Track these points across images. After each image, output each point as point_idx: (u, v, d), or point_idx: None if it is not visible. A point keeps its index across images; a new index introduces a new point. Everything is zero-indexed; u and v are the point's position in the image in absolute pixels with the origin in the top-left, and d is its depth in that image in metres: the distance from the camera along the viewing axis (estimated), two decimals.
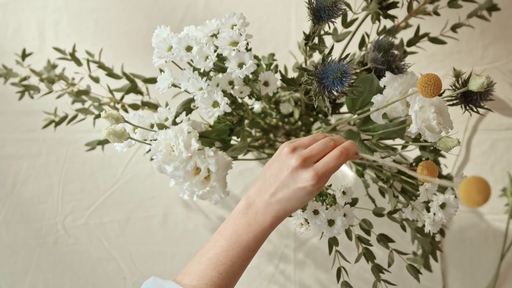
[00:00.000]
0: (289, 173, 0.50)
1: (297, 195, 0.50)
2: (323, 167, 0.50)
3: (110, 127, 0.51)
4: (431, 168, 0.53)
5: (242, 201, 0.53)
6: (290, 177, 0.50)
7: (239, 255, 0.50)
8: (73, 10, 1.14)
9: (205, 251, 0.51)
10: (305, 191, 0.49)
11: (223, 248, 0.50)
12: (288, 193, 0.50)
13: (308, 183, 0.49)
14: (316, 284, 0.99)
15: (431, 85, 0.45)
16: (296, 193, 0.50)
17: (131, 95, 0.78)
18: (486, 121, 1.04)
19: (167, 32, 0.58)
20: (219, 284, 0.49)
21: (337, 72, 0.49)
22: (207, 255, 0.50)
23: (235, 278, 0.50)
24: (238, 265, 0.50)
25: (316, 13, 0.51)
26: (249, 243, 0.50)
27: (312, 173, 0.49)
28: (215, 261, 0.49)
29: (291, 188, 0.50)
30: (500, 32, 1.06)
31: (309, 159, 0.50)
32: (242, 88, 0.61)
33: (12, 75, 0.81)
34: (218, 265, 0.49)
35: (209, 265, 0.49)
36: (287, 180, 0.50)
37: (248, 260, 0.51)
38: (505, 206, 1.00)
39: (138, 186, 1.06)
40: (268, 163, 0.54)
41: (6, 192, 1.07)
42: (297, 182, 0.50)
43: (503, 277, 0.98)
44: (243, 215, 0.52)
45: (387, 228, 0.72)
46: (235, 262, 0.50)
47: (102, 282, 1.03)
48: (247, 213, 0.52)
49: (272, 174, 0.52)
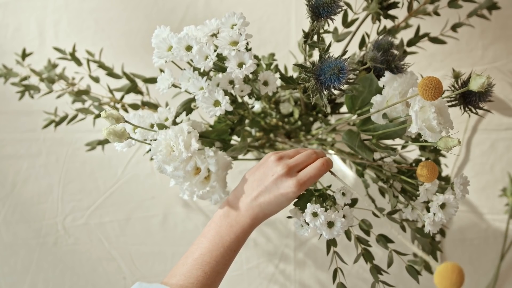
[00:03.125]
0: (273, 180, 0.54)
1: (278, 201, 0.54)
2: (305, 176, 0.54)
3: (110, 127, 0.51)
4: (432, 168, 0.53)
5: (222, 206, 0.57)
6: (274, 183, 0.54)
7: (223, 255, 0.53)
8: (73, 10, 1.14)
9: (189, 254, 0.54)
10: (286, 197, 0.54)
11: (207, 249, 0.53)
12: (270, 198, 0.54)
13: (291, 189, 0.53)
14: (316, 284, 0.99)
15: (432, 88, 0.45)
16: (277, 198, 0.54)
17: (131, 95, 0.78)
18: (486, 121, 1.04)
19: (167, 32, 0.58)
20: (205, 283, 0.51)
21: (334, 69, 0.48)
22: (192, 257, 0.53)
23: (219, 277, 0.54)
24: (222, 264, 0.53)
25: (315, 10, 0.51)
26: (231, 243, 0.54)
27: (295, 181, 0.53)
28: (200, 261, 0.52)
29: (273, 193, 0.54)
30: (500, 32, 1.06)
31: (294, 168, 0.55)
32: (242, 87, 0.61)
33: (12, 75, 0.81)
34: (203, 265, 0.52)
35: (194, 265, 0.52)
36: (270, 185, 0.54)
37: (230, 260, 0.54)
38: (505, 206, 1.00)
39: (138, 186, 1.06)
40: (251, 170, 0.58)
41: (6, 192, 1.07)
42: (280, 188, 0.54)
43: (503, 277, 0.98)
44: (225, 218, 0.55)
45: (387, 228, 0.72)
46: (219, 262, 0.53)
47: (102, 282, 1.03)
48: (228, 215, 0.55)
49: (255, 179, 0.56)
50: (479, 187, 1.02)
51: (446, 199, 0.55)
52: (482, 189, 1.02)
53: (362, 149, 0.60)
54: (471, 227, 1.00)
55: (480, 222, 1.00)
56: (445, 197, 0.55)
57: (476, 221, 1.00)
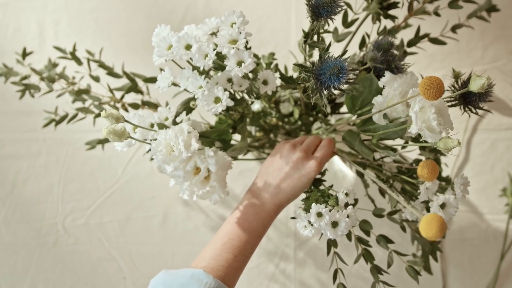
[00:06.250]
0: (294, 165, 0.59)
1: (301, 183, 0.58)
2: (322, 154, 0.60)
3: (110, 127, 0.51)
4: (432, 168, 0.53)
5: (246, 196, 0.61)
6: (295, 168, 0.59)
7: (250, 240, 0.56)
8: (73, 10, 1.14)
9: (217, 239, 0.57)
10: (308, 178, 0.58)
11: (236, 234, 0.56)
12: (293, 182, 0.59)
13: (313, 168, 0.58)
14: (316, 283, 0.99)
15: (433, 88, 0.45)
16: (300, 181, 0.58)
17: (131, 94, 0.78)
18: (486, 121, 1.04)
19: (167, 31, 0.58)
20: (235, 266, 0.54)
21: (334, 68, 0.48)
22: (221, 241, 0.56)
23: (246, 261, 0.57)
24: (249, 249, 0.57)
25: (315, 9, 0.51)
26: (258, 229, 0.57)
27: (315, 160, 0.59)
28: (229, 245, 0.55)
29: (295, 177, 0.59)
30: (500, 32, 1.06)
31: (308, 150, 0.61)
32: (241, 82, 0.60)
33: (13, 74, 0.81)
34: (232, 249, 0.55)
35: (223, 249, 0.55)
36: (292, 171, 0.59)
37: (256, 244, 0.58)
38: (505, 206, 1.00)
39: (138, 186, 1.06)
40: (267, 161, 0.63)
41: (6, 192, 1.07)
42: (302, 170, 0.59)
43: (503, 277, 0.97)
44: (251, 206, 0.59)
45: (387, 228, 0.72)
46: (247, 246, 0.56)
47: (102, 282, 1.03)
48: (254, 204, 0.59)
49: (275, 169, 0.60)
50: (479, 187, 1.02)
51: (446, 199, 0.55)
52: (482, 189, 1.02)
53: (362, 149, 0.60)
54: (471, 227, 1.00)
55: (480, 222, 1.00)
56: (445, 197, 0.55)
57: (476, 221, 1.00)
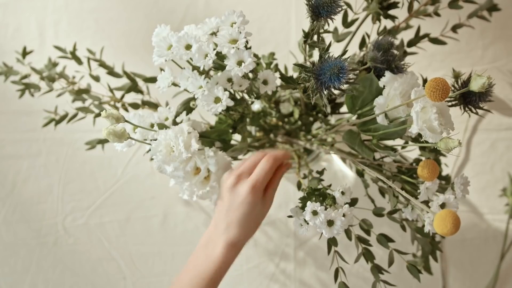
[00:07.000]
0: (229, 195, 0.54)
1: (245, 212, 0.53)
2: (255, 175, 0.53)
3: (110, 127, 0.51)
4: (432, 167, 0.53)
5: (202, 237, 0.56)
6: (232, 198, 0.53)
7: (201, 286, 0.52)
8: (73, 10, 1.14)
9: None
10: (249, 205, 0.52)
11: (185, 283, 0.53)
12: (236, 215, 0.53)
13: (246, 193, 0.52)
14: (316, 283, 0.99)
15: (439, 90, 0.45)
16: (241, 210, 0.53)
17: (132, 94, 0.78)
18: (486, 121, 1.04)
19: (167, 31, 0.58)
20: None
21: (334, 68, 0.48)
22: None
23: None
24: None
25: (315, 9, 0.51)
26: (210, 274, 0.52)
27: (247, 183, 0.53)
28: None
29: (235, 207, 0.53)
30: (500, 32, 1.06)
31: (242, 174, 0.54)
32: (240, 82, 0.60)
33: (13, 73, 0.81)
34: None
35: None
36: (230, 202, 0.53)
37: None
38: (505, 206, 1.00)
39: (138, 186, 1.06)
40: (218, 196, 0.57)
41: (6, 192, 1.07)
42: (237, 198, 0.53)
43: (503, 277, 0.97)
44: (203, 250, 0.54)
45: (387, 228, 0.72)
46: None
47: (102, 282, 1.03)
48: (207, 247, 0.54)
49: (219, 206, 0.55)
50: (479, 187, 1.02)
51: (446, 199, 0.55)
52: (482, 189, 1.02)
53: (362, 149, 0.60)
54: (471, 227, 1.00)
55: (480, 222, 1.00)
56: (445, 197, 0.55)
57: (476, 221, 1.00)
